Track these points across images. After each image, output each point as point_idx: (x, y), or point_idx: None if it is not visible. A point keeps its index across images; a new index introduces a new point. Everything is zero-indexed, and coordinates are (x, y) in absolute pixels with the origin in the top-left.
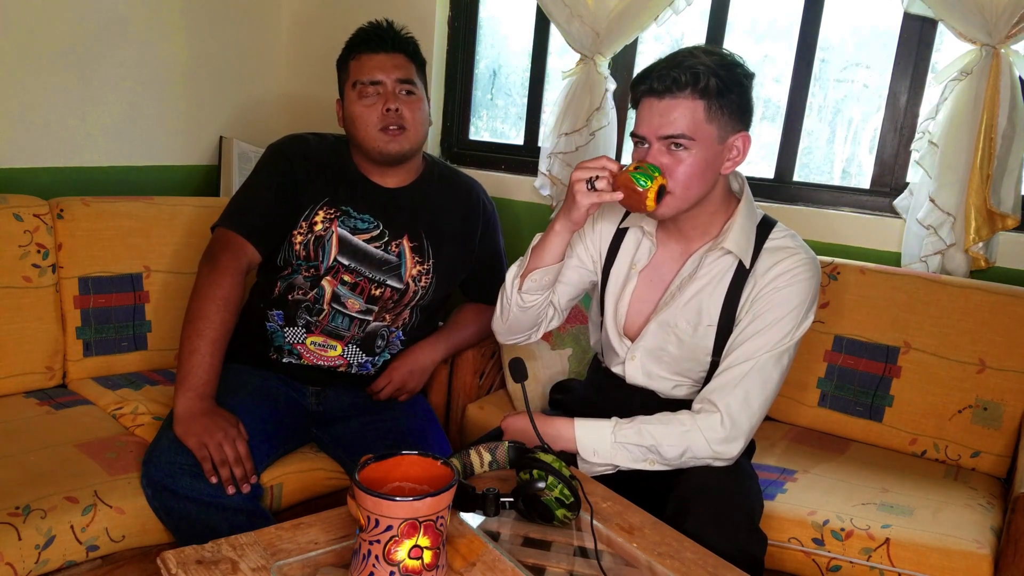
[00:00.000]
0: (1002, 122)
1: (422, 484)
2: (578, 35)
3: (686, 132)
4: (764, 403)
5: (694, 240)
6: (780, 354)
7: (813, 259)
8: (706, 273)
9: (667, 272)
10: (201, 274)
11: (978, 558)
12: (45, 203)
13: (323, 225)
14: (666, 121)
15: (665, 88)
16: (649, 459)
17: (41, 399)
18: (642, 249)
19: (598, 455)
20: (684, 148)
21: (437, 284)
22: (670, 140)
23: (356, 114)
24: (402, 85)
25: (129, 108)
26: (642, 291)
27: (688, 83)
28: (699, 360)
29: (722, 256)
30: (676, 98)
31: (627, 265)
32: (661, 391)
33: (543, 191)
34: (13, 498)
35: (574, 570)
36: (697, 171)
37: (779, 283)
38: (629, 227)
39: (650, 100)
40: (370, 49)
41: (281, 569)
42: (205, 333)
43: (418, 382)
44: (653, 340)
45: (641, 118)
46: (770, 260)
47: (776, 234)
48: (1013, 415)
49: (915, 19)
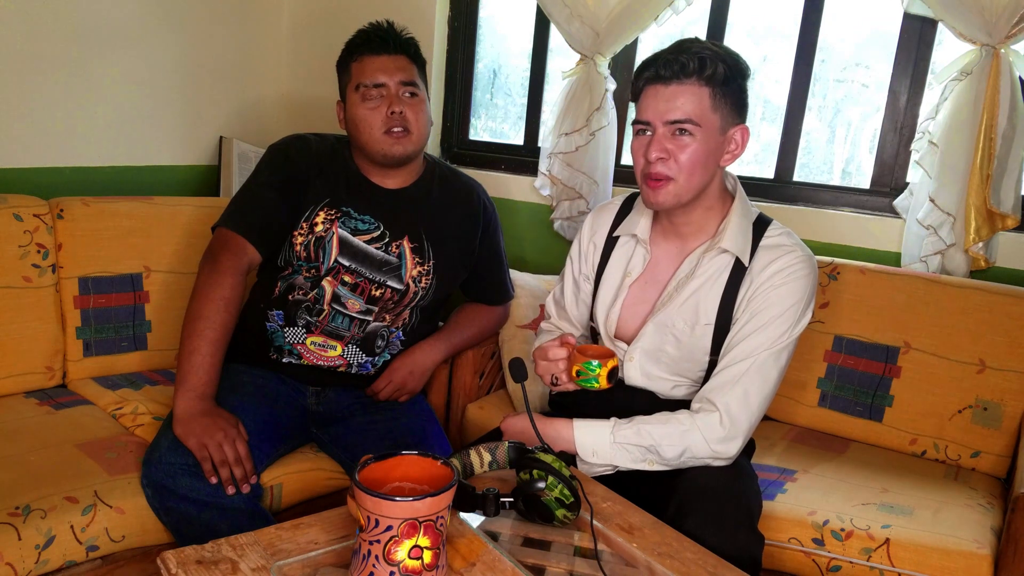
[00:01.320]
0: (1002, 122)
1: (422, 484)
2: (578, 35)
3: (692, 117)
4: (763, 401)
5: (690, 239)
6: (779, 352)
7: (810, 256)
8: (703, 272)
9: (663, 273)
10: (201, 274)
11: (978, 558)
12: (45, 203)
13: (324, 226)
14: (673, 106)
15: (672, 74)
16: (648, 459)
17: (41, 399)
18: (636, 258)
19: (597, 456)
20: (689, 134)
21: (437, 285)
22: (676, 125)
23: (360, 117)
24: (405, 87)
25: (129, 108)
26: (638, 293)
27: (695, 70)
28: (697, 360)
29: (719, 255)
30: (683, 84)
31: (620, 274)
32: (660, 392)
33: (543, 191)
34: (13, 498)
35: (574, 570)
36: (700, 159)
37: (776, 281)
38: (621, 235)
39: (655, 87)
40: (372, 51)
41: (281, 569)
42: (205, 334)
43: (418, 382)
44: (651, 341)
45: (645, 105)
46: (767, 258)
47: (772, 232)
48: (1013, 415)
49: (915, 19)
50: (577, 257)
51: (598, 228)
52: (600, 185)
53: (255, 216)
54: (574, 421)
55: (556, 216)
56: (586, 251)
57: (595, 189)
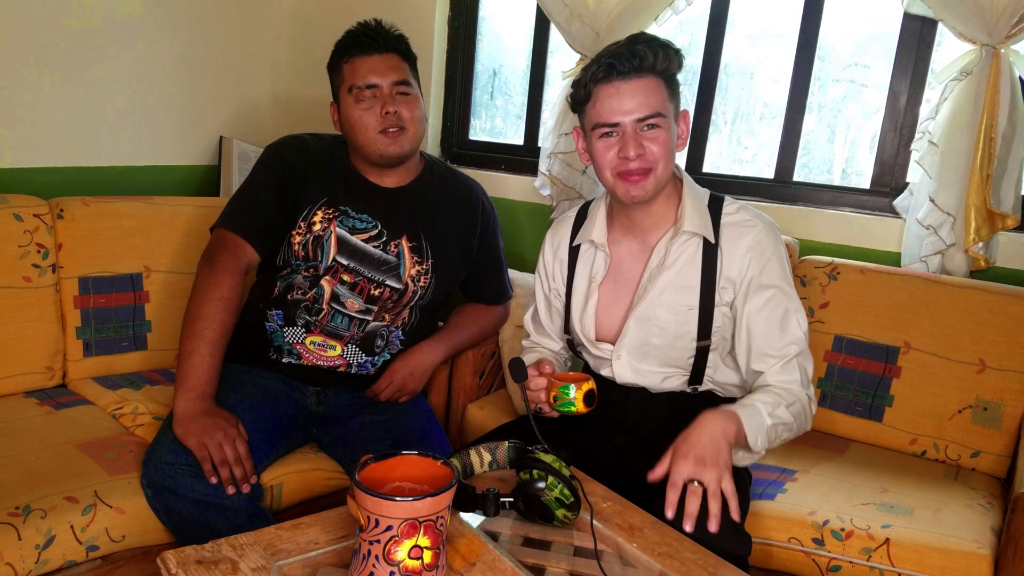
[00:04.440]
0: (1002, 122)
1: (422, 484)
2: (578, 35)
3: (660, 110)
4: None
5: (651, 231)
6: (786, 313)
7: (771, 225)
8: (675, 260)
9: (632, 269)
10: (200, 275)
11: (978, 558)
12: (45, 203)
13: (322, 225)
14: (641, 100)
15: (633, 68)
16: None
17: (41, 399)
18: (598, 261)
19: (760, 440)
20: (658, 127)
21: (436, 284)
22: (646, 121)
23: (355, 119)
24: (398, 86)
25: (129, 108)
26: (610, 295)
27: (652, 62)
28: (684, 346)
29: (688, 240)
30: (643, 77)
31: (586, 280)
32: (651, 386)
33: (543, 191)
34: (13, 498)
35: (574, 570)
36: (670, 147)
37: (753, 269)
38: (580, 243)
39: (615, 84)
40: (363, 51)
41: (281, 569)
42: (204, 334)
43: (419, 383)
44: (635, 336)
45: (608, 106)
46: (732, 236)
47: (728, 209)
48: (1013, 415)
49: (915, 19)
50: (545, 275)
51: (559, 243)
52: (600, 185)
53: (253, 216)
54: (732, 409)
55: (556, 216)
56: (551, 268)
57: (595, 189)
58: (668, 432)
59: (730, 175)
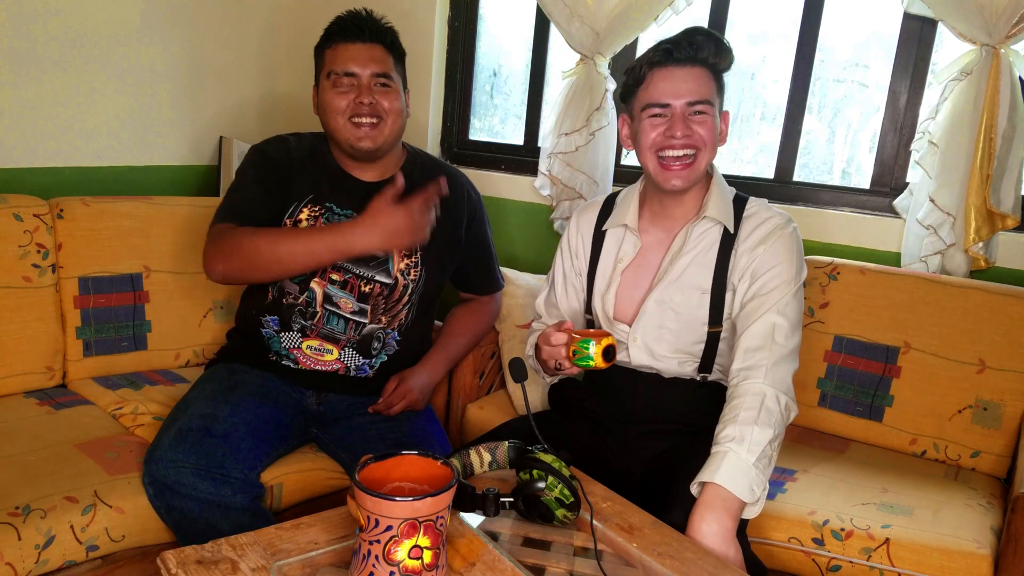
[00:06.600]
0: (1002, 122)
1: (422, 484)
2: (578, 35)
3: (708, 98)
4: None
5: (677, 220)
6: (796, 293)
7: (789, 218)
8: (694, 246)
9: (655, 256)
10: (216, 244)
11: (978, 558)
12: (45, 203)
13: (308, 223)
14: (691, 87)
15: (688, 57)
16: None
17: (41, 399)
18: (627, 244)
19: (756, 488)
20: (705, 114)
21: (427, 276)
22: (695, 106)
23: (326, 101)
24: (377, 78)
25: (129, 108)
26: (632, 279)
27: (707, 55)
28: (696, 331)
29: (709, 227)
30: (696, 66)
31: (612, 261)
32: (666, 371)
33: (543, 191)
34: (13, 498)
35: (574, 570)
36: (715, 136)
37: (768, 244)
38: (609, 228)
39: (669, 69)
40: (347, 38)
41: (281, 569)
42: (271, 234)
43: (424, 401)
44: (652, 318)
45: (661, 88)
46: (750, 226)
47: (751, 206)
48: (1013, 415)
49: (915, 19)
50: (568, 252)
51: (584, 225)
52: (600, 185)
53: (246, 209)
54: (713, 481)
55: (556, 216)
56: (576, 247)
57: (595, 189)
58: (675, 422)
59: (730, 175)
